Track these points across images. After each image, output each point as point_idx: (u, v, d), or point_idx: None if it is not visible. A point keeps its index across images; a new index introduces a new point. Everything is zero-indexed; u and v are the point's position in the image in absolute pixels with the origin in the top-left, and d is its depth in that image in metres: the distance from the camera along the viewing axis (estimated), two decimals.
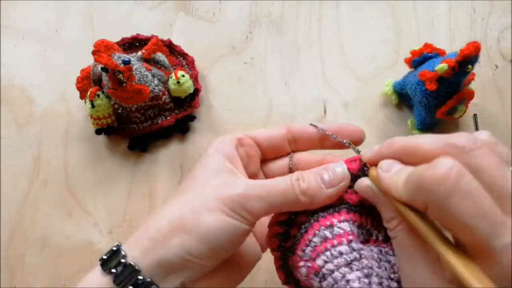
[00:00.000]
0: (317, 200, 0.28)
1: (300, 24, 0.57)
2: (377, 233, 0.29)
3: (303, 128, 0.34)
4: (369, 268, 0.27)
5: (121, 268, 0.28)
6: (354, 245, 0.27)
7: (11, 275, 0.49)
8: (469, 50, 0.41)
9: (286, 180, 0.29)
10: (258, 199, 0.28)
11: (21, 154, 0.53)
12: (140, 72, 0.47)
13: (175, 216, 0.28)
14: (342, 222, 0.28)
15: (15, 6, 0.59)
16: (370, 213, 0.29)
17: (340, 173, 0.29)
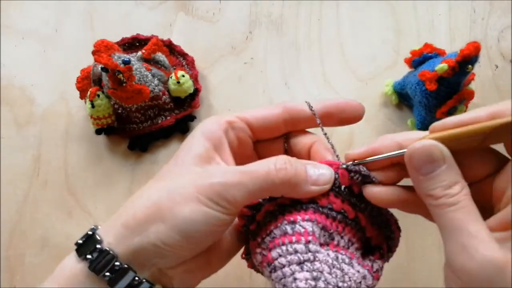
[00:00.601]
0: (297, 192, 0.28)
1: (300, 24, 0.57)
2: (339, 238, 0.29)
3: (300, 106, 0.31)
4: (319, 272, 0.27)
5: (97, 254, 0.27)
6: (311, 246, 0.27)
7: (11, 275, 0.49)
8: (469, 50, 0.41)
9: (269, 165, 0.27)
10: (237, 186, 0.27)
11: (21, 154, 0.53)
12: (140, 72, 0.47)
13: (152, 202, 0.27)
14: (306, 221, 0.28)
15: (15, 6, 0.59)
16: (336, 217, 0.29)
17: (328, 176, 0.29)
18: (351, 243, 0.30)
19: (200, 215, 0.26)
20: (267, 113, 0.31)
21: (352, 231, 0.30)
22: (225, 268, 0.44)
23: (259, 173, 0.27)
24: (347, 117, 0.31)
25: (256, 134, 0.32)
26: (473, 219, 0.24)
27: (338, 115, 0.31)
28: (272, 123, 0.31)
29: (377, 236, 0.31)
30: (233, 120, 0.31)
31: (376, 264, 0.30)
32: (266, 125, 0.31)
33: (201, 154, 0.29)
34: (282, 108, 0.31)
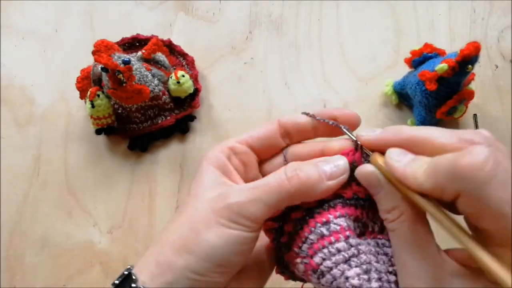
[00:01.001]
0: (316, 192, 0.27)
1: (300, 24, 0.57)
2: (372, 224, 0.29)
3: (293, 118, 0.32)
4: (367, 263, 0.26)
5: None
6: (351, 240, 0.27)
7: (11, 275, 0.49)
8: (469, 50, 0.41)
9: (280, 175, 0.28)
10: (253, 202, 0.27)
11: (21, 154, 0.53)
12: (140, 72, 0.47)
13: (176, 238, 0.28)
14: (338, 218, 0.28)
15: (15, 6, 0.59)
16: (364, 205, 0.29)
17: (342, 165, 0.28)
18: (383, 226, 0.29)
19: (224, 238, 0.27)
20: (263, 130, 0.32)
21: (376, 213, 0.29)
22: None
23: (272, 185, 0.27)
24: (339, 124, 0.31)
25: (259, 154, 0.32)
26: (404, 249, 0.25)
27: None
28: (271, 140, 0.32)
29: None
30: (234, 146, 0.31)
31: None
32: (265, 142, 0.32)
33: (213, 181, 0.30)
34: (277, 123, 0.32)
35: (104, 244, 0.50)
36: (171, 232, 0.29)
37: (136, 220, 0.50)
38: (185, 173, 0.52)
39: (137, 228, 0.50)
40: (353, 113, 0.31)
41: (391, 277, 0.26)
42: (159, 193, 0.51)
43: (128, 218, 0.50)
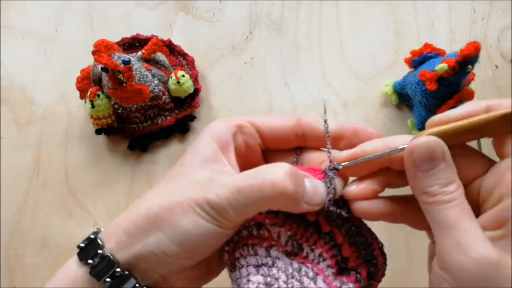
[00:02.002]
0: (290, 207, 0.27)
1: (300, 24, 0.57)
2: (309, 250, 0.28)
3: (316, 124, 0.30)
4: (274, 278, 0.26)
5: (98, 259, 0.27)
6: (272, 251, 0.27)
7: (11, 275, 0.49)
8: (469, 50, 0.41)
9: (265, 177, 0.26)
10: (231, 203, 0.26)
11: (21, 154, 0.53)
12: (140, 72, 0.47)
13: (153, 211, 0.27)
14: (273, 226, 0.27)
15: (15, 6, 0.59)
16: (308, 228, 0.28)
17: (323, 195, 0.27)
18: (322, 258, 0.28)
19: (198, 228, 0.26)
20: (280, 123, 0.30)
21: (325, 246, 0.28)
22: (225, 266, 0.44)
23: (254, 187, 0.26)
24: (359, 142, 0.29)
25: (266, 143, 0.31)
26: (468, 217, 0.25)
27: (350, 138, 0.30)
28: (283, 135, 0.30)
29: (356, 257, 0.29)
30: (243, 125, 0.30)
31: (347, 286, 0.28)
32: (277, 135, 0.31)
33: (208, 156, 0.29)
34: (296, 121, 0.30)
35: None
36: (149, 203, 0.28)
37: None
38: None
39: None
40: (374, 131, 0.30)
41: None
42: None
43: None
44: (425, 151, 0.25)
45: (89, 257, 0.27)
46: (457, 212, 0.25)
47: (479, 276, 0.23)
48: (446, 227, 0.25)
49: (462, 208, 0.25)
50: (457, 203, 0.25)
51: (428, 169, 0.25)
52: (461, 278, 0.24)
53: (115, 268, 0.27)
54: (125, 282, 0.27)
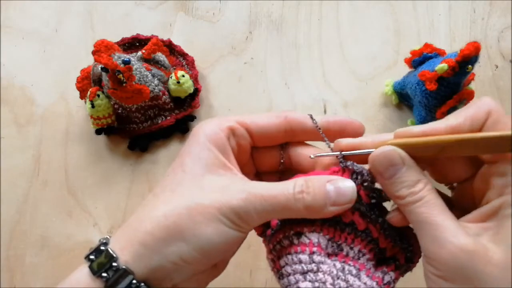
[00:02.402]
0: (318, 215, 0.28)
1: (300, 24, 0.57)
2: (348, 249, 0.29)
3: (303, 120, 0.31)
4: (321, 282, 0.27)
5: (113, 272, 0.27)
6: (315, 257, 0.28)
7: (11, 275, 0.49)
8: (469, 50, 0.41)
9: (289, 190, 0.28)
10: (258, 211, 0.27)
11: (21, 154, 0.53)
12: (140, 72, 0.47)
13: (171, 222, 0.27)
14: (312, 233, 0.29)
15: (15, 6, 0.59)
16: (344, 229, 0.29)
17: (349, 194, 0.28)
18: (361, 254, 0.30)
19: (221, 236, 0.27)
20: (269, 121, 0.31)
21: (363, 242, 0.30)
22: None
23: (279, 199, 0.27)
24: (346, 135, 0.31)
25: (255, 141, 0.32)
26: (439, 212, 0.26)
27: (338, 132, 0.31)
28: (272, 132, 0.31)
29: (392, 247, 0.30)
30: (234, 127, 0.31)
31: (388, 276, 0.30)
32: (266, 133, 0.31)
33: (211, 161, 0.29)
34: (284, 118, 0.31)
35: None
36: (164, 213, 0.28)
37: None
38: None
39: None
40: (359, 124, 0.31)
41: None
42: None
43: (128, 218, 0.50)
44: (383, 159, 0.27)
45: (103, 270, 0.28)
46: (428, 209, 0.26)
47: (457, 265, 0.24)
48: (421, 224, 0.26)
49: (432, 204, 0.26)
50: (426, 200, 0.26)
51: (392, 174, 0.27)
52: (442, 269, 0.25)
53: (132, 280, 0.27)
54: None
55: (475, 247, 0.24)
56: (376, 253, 0.30)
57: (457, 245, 0.24)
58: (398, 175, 0.27)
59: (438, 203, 0.26)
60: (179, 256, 0.27)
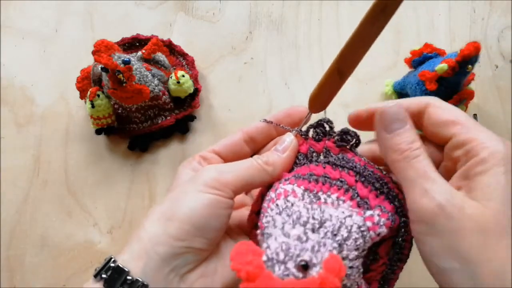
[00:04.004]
0: (278, 165, 0.33)
1: (300, 24, 0.57)
2: (326, 197, 0.29)
3: (254, 126, 0.37)
4: (296, 212, 0.27)
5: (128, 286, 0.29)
6: (290, 198, 0.29)
7: (11, 274, 0.49)
8: (469, 50, 0.41)
9: (249, 159, 0.33)
10: (229, 173, 0.31)
11: (21, 154, 0.53)
12: (140, 72, 0.47)
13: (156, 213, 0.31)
14: (287, 185, 0.30)
15: (15, 6, 0.59)
16: (318, 180, 0.30)
17: (289, 139, 0.34)
18: (341, 201, 0.29)
19: (203, 201, 0.30)
20: (229, 139, 0.37)
21: (340, 190, 0.29)
22: None
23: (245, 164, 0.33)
24: (293, 120, 0.36)
25: (227, 160, 0.36)
26: (433, 169, 0.28)
27: (287, 119, 0.36)
28: (236, 146, 0.36)
29: (375, 197, 0.29)
30: (203, 154, 0.36)
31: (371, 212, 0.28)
32: (231, 148, 0.36)
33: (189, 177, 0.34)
34: (241, 132, 0.37)
35: (104, 244, 0.50)
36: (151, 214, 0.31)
37: (136, 220, 0.50)
38: None
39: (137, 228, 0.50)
40: (302, 108, 0.36)
41: (312, 220, 0.27)
42: (159, 193, 0.51)
43: (128, 218, 0.50)
44: (393, 114, 0.30)
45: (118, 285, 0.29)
46: (423, 165, 0.28)
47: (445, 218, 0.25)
48: (415, 178, 0.27)
49: (427, 162, 0.28)
50: (423, 158, 0.28)
51: (396, 129, 0.29)
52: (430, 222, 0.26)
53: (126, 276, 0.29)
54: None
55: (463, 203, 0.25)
56: (358, 203, 0.29)
57: (448, 199, 0.26)
58: (401, 130, 0.29)
59: (431, 163, 0.28)
60: (168, 234, 0.29)
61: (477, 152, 0.26)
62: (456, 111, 0.29)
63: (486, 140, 0.26)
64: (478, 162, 0.26)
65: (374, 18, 0.27)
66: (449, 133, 0.28)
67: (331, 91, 0.31)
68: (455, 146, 0.28)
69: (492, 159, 0.26)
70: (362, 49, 0.29)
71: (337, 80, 0.30)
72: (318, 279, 0.23)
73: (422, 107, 0.30)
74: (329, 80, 0.31)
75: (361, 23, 0.28)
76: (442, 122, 0.29)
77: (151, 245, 0.29)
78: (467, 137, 0.27)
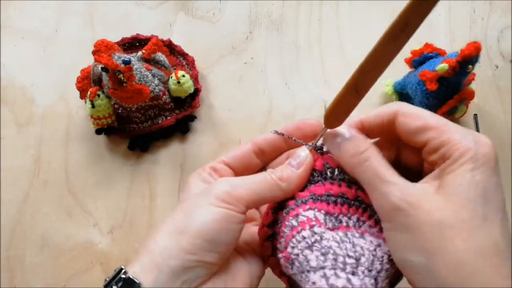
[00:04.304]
0: (292, 181, 0.32)
1: (300, 24, 0.57)
2: (347, 219, 0.30)
3: (264, 137, 0.36)
4: (327, 248, 0.28)
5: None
6: (316, 229, 0.29)
7: (11, 275, 0.49)
8: (470, 50, 0.41)
9: (263, 173, 0.32)
10: (242, 187, 0.31)
11: (21, 154, 0.53)
12: (140, 72, 0.47)
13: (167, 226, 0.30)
14: (307, 211, 0.30)
15: (15, 6, 0.59)
16: (337, 201, 0.31)
17: (304, 154, 0.33)
18: (361, 222, 0.30)
19: (214, 215, 0.30)
20: (239, 150, 0.36)
21: (358, 210, 0.31)
22: None
23: (258, 178, 0.32)
24: (305, 134, 0.35)
25: (236, 172, 0.36)
26: (387, 168, 0.29)
27: (297, 133, 0.35)
28: (245, 157, 0.36)
29: None
30: (214, 165, 0.35)
31: None
32: (241, 160, 0.36)
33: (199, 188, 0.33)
34: (251, 143, 0.36)
35: (104, 244, 0.50)
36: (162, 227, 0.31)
37: (136, 220, 0.50)
38: (185, 173, 0.51)
39: (137, 228, 0.50)
40: (314, 122, 0.35)
41: (349, 260, 0.28)
42: (159, 193, 0.51)
43: (128, 218, 0.50)
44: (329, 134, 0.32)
45: None
46: (374, 166, 0.29)
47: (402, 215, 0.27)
48: (370, 182, 0.29)
49: (379, 163, 0.29)
50: (371, 160, 0.29)
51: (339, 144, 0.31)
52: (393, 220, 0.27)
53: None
54: None
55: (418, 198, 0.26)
56: (376, 220, 0.30)
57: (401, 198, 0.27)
58: (344, 143, 0.30)
59: (383, 162, 0.29)
60: (180, 248, 0.29)
61: (450, 154, 0.27)
62: (424, 115, 0.29)
63: (458, 141, 0.27)
64: (449, 163, 0.27)
65: (394, 36, 0.27)
66: (423, 139, 0.29)
67: (348, 107, 0.30)
68: (431, 151, 0.28)
69: (461, 158, 0.26)
70: (381, 66, 0.29)
71: (354, 96, 0.30)
72: None
73: (392, 116, 0.31)
74: (346, 97, 0.30)
75: (380, 41, 0.28)
76: (414, 130, 0.29)
77: (162, 258, 0.29)
78: (440, 141, 0.28)
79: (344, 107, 0.30)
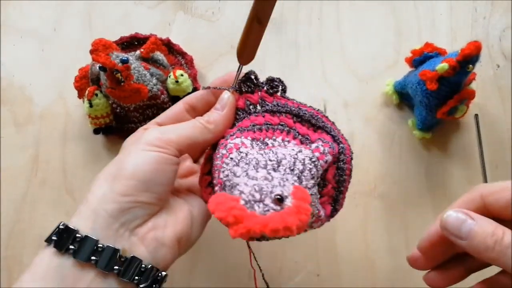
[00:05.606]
0: (219, 122, 0.34)
1: (300, 24, 0.57)
2: (272, 141, 0.32)
3: (194, 95, 0.38)
4: (252, 158, 0.29)
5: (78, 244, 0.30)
6: (242, 149, 0.30)
7: (9, 274, 0.49)
8: (470, 50, 0.40)
9: (191, 120, 0.35)
10: (172, 132, 0.33)
11: (19, 153, 0.53)
12: (138, 71, 0.47)
13: (102, 175, 0.32)
14: (234, 139, 0.31)
15: (15, 6, 0.59)
16: (261, 128, 0.33)
17: (226, 96, 0.36)
18: (286, 142, 0.32)
19: (146, 158, 0.31)
20: (171, 110, 0.38)
21: (282, 132, 0.32)
22: (224, 268, 0.44)
23: (188, 123, 0.35)
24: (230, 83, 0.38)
25: None
26: None
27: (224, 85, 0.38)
28: (177, 116, 0.37)
29: (313, 132, 0.33)
30: (146, 127, 0.37)
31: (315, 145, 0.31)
32: (174, 119, 0.37)
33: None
34: (182, 103, 0.38)
35: None
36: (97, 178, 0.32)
37: None
38: None
39: None
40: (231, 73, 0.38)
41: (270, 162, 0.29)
42: None
43: None
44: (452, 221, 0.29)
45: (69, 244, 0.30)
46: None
47: None
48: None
49: None
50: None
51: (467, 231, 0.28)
52: None
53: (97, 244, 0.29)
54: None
55: None
56: (302, 141, 0.32)
57: None
58: (474, 229, 0.27)
59: None
60: (113, 191, 0.30)
61: None
62: (508, 185, 0.28)
63: None
64: None
65: None
66: None
67: (255, 39, 0.33)
68: None
69: None
70: None
71: (258, 27, 0.32)
72: (294, 208, 0.25)
73: (477, 199, 0.29)
74: (251, 30, 0.32)
75: None
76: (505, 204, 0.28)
77: (98, 204, 0.30)
78: None
79: (252, 40, 0.33)
